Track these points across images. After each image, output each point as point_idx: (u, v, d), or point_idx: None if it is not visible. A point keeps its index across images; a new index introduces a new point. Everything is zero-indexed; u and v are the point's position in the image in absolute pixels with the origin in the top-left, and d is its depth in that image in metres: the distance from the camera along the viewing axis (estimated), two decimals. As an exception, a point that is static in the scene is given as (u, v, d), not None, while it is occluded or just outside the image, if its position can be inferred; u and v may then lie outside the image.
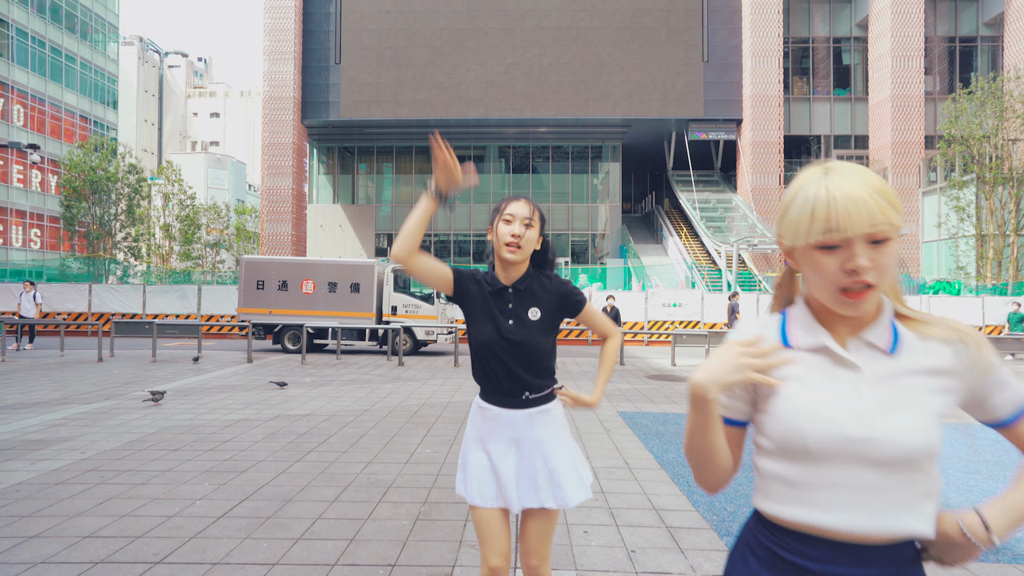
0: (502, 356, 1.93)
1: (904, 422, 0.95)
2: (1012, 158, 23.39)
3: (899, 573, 0.97)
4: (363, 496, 4.25)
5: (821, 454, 0.96)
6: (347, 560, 3.19)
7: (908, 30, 29.19)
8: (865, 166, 0.99)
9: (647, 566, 3.18)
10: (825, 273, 0.96)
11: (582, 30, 31.80)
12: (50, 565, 3.05)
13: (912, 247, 29.20)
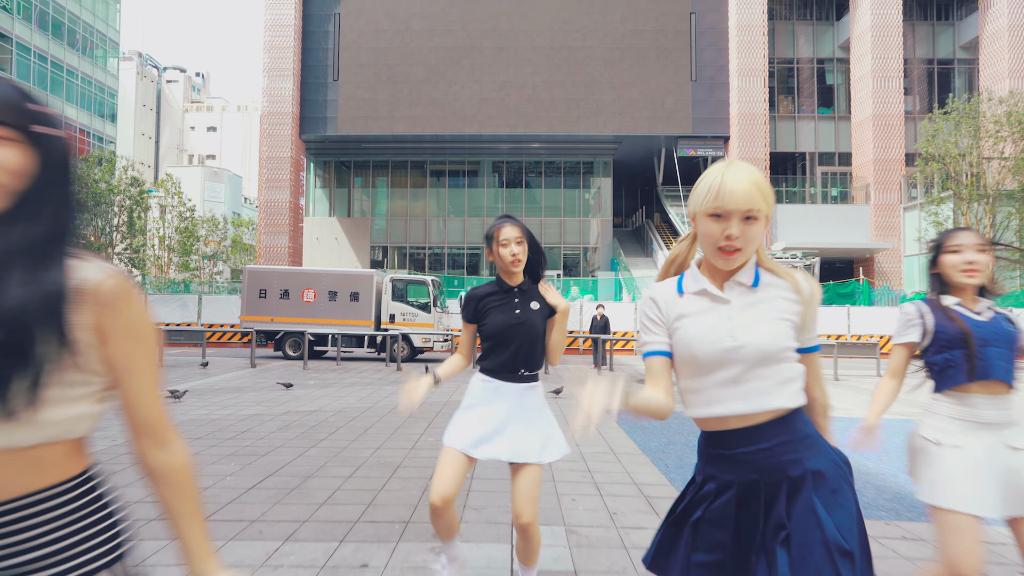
0: (512, 336, 2.50)
1: (759, 332, 1.40)
2: (987, 176, 24.26)
3: (788, 440, 1.39)
4: (375, 473, 4.79)
5: (707, 364, 1.42)
6: (367, 518, 3.73)
7: (887, 52, 30.24)
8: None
9: (625, 523, 3.74)
10: (710, 233, 1.40)
11: (574, 49, 32.69)
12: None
13: (894, 261, 30.01)
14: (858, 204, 31.65)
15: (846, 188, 33.21)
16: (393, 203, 37.42)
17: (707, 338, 1.41)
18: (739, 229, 1.36)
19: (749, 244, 1.37)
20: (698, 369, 1.42)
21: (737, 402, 1.39)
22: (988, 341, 2.08)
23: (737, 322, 1.41)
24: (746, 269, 1.45)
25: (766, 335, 1.39)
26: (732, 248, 1.37)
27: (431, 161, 37.24)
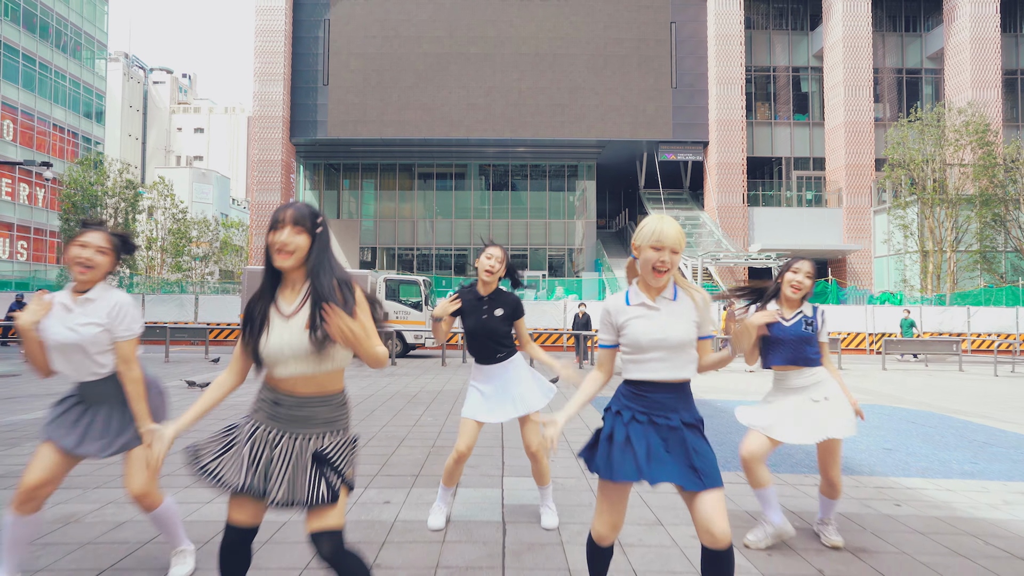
0: (481, 335, 3.40)
1: (676, 329, 2.25)
2: (948, 181, 25.55)
3: (683, 396, 2.26)
4: (385, 444, 5.64)
5: (647, 347, 2.26)
6: (385, 472, 4.59)
7: (858, 62, 31.52)
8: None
9: (592, 476, 4.62)
10: (650, 259, 2.25)
11: (558, 57, 33.63)
12: (166, 480, 4.42)
13: (865, 262, 31.28)
14: (831, 207, 32.90)
15: (820, 192, 34.45)
16: (382, 205, 38.10)
17: (646, 331, 2.25)
18: (668, 257, 2.21)
19: (672, 268, 2.21)
20: (638, 350, 2.26)
21: (663, 372, 2.24)
22: (777, 340, 3.20)
23: (664, 322, 2.26)
24: (669, 288, 2.28)
25: (680, 332, 2.23)
26: (663, 269, 2.22)
27: (419, 164, 37.98)
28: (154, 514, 2.67)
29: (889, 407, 8.49)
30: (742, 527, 3.45)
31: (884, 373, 13.99)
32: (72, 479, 4.27)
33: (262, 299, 1.98)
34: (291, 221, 1.93)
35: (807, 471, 4.83)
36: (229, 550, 1.97)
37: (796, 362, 3.18)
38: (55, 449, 2.50)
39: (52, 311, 2.48)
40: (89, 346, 2.46)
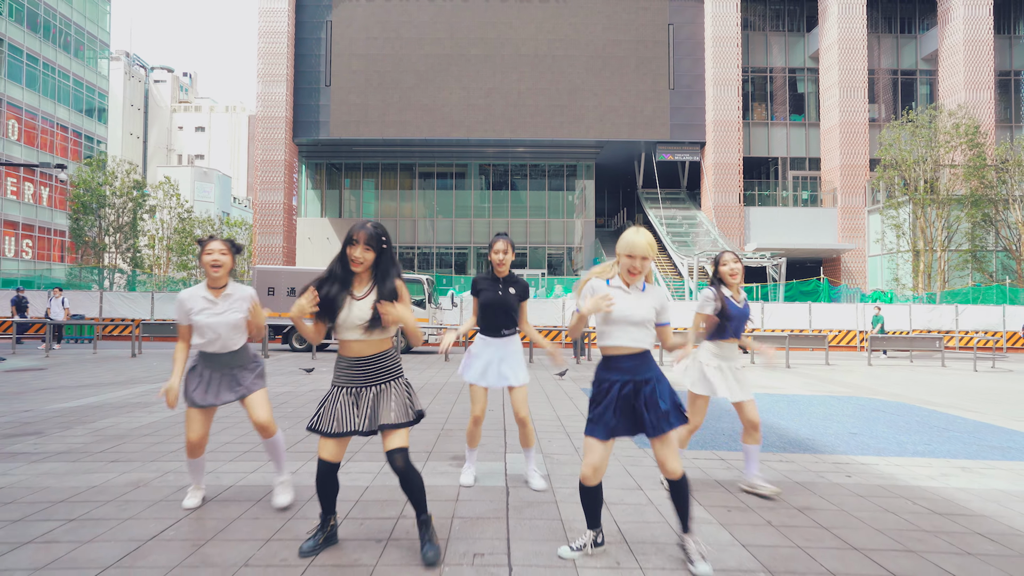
0: (496, 309, 4.01)
1: (642, 310, 2.93)
2: (940, 182, 26.15)
3: (646, 362, 2.93)
4: (398, 427, 6.23)
5: (617, 321, 2.93)
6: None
7: (853, 64, 32.09)
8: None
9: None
10: (625, 264, 2.95)
11: (557, 58, 34.19)
12: (220, 452, 5.01)
13: (859, 261, 31.89)
14: (826, 207, 33.50)
15: (815, 192, 35.04)
16: (383, 204, 38.66)
17: (621, 310, 2.92)
18: (639, 264, 2.88)
19: (645, 271, 2.94)
20: (611, 322, 2.92)
21: (629, 341, 2.91)
22: (738, 319, 3.96)
23: (633, 304, 2.93)
24: (639, 282, 2.99)
25: (644, 312, 2.92)
26: (636, 272, 2.91)
27: (420, 164, 38.55)
28: (269, 441, 3.63)
29: (864, 398, 9.09)
30: (706, 491, 4.05)
31: (869, 368, 14.59)
32: (133, 453, 4.87)
33: (342, 287, 2.85)
34: (363, 241, 2.78)
35: (775, 450, 5.43)
36: (319, 480, 2.86)
37: (737, 335, 4.03)
38: (199, 410, 3.45)
39: (204, 304, 3.38)
40: (234, 329, 3.41)
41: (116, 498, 3.75)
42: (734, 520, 3.50)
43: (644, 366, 2.92)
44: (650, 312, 2.94)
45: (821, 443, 5.77)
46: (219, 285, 3.46)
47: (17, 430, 5.77)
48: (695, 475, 4.51)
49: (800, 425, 6.73)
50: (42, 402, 7.44)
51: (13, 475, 4.24)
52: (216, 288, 3.46)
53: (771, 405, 8.17)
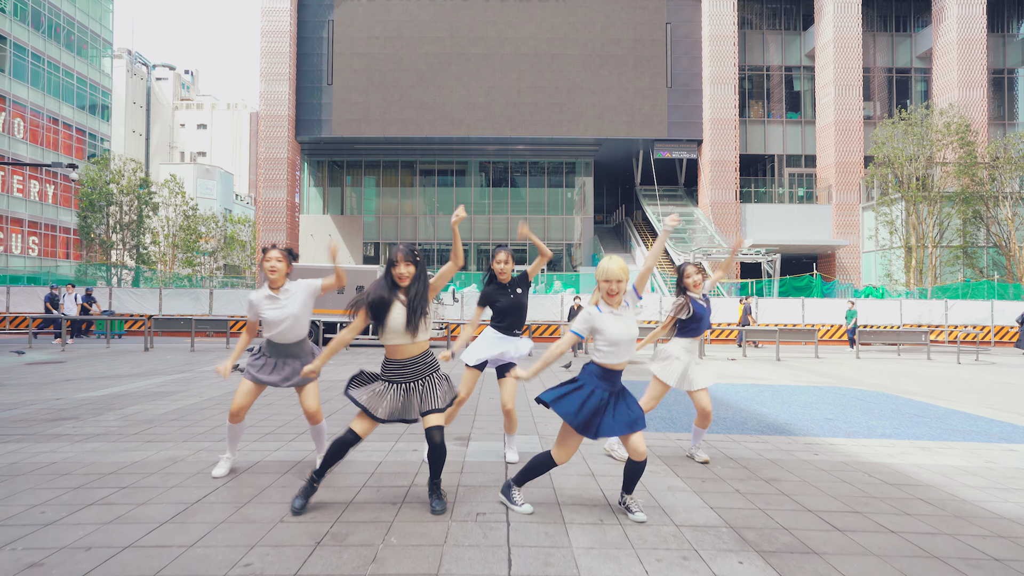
0: (510, 311, 4.47)
1: (630, 330, 3.40)
2: (932, 180, 26.59)
3: (621, 373, 3.45)
4: (406, 413, 6.70)
5: (619, 342, 3.38)
6: (410, 431, 5.65)
7: (848, 62, 32.48)
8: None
9: (578, 435, 5.68)
10: (604, 288, 3.42)
11: (556, 57, 34.58)
12: (245, 434, 5.49)
13: (853, 257, 32.34)
14: (821, 204, 33.93)
15: (811, 189, 35.47)
16: (384, 201, 39.11)
17: (615, 331, 3.37)
18: (616, 286, 3.35)
19: (620, 293, 3.39)
20: (609, 343, 3.37)
21: (620, 359, 3.38)
22: (703, 318, 4.54)
23: (622, 326, 3.39)
24: (622, 303, 3.44)
25: (631, 331, 3.39)
26: (614, 293, 3.36)
27: (421, 161, 38.97)
28: (315, 427, 4.20)
29: (846, 388, 9.56)
30: (684, 466, 4.51)
31: (857, 361, 15.07)
32: (164, 435, 5.34)
33: (390, 293, 3.41)
34: (402, 260, 3.39)
35: (753, 432, 5.89)
36: (341, 443, 3.36)
37: (700, 332, 4.63)
38: (252, 384, 4.11)
39: (267, 303, 4.01)
40: (295, 321, 4.01)
41: (158, 471, 4.22)
42: (707, 489, 3.97)
43: (620, 377, 3.47)
44: (634, 329, 3.43)
45: (797, 427, 6.24)
46: (277, 286, 4.08)
47: (54, 415, 6.24)
48: (674, 452, 4.97)
49: (780, 412, 7.19)
50: (70, 391, 7.91)
51: (62, 452, 4.71)
52: (275, 288, 4.08)
53: (756, 395, 8.64)
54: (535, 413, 6.77)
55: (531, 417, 6.53)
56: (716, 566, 2.79)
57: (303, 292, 4.11)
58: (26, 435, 5.32)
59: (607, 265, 3.39)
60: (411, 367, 3.45)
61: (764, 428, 6.17)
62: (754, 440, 5.56)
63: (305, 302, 4.11)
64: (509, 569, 2.73)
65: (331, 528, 3.18)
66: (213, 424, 5.93)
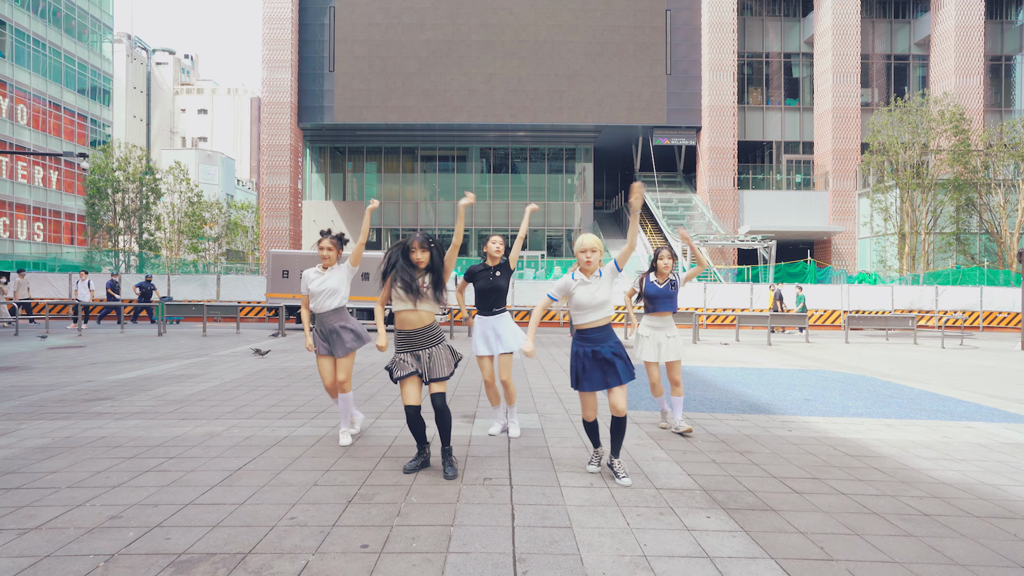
0: (489, 291, 5.01)
1: (599, 294, 3.92)
2: (926, 167, 26.97)
3: (607, 332, 3.97)
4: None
5: (585, 306, 3.93)
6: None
7: (846, 50, 32.70)
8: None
9: (573, 413, 6.20)
10: (580, 258, 3.95)
11: (557, 44, 34.77)
12: (270, 412, 6.00)
13: (849, 243, 32.81)
14: (818, 190, 34.32)
15: (808, 175, 35.83)
16: (386, 187, 39.46)
17: (584, 296, 3.88)
18: (590, 255, 3.88)
19: (597, 262, 3.92)
20: (579, 307, 3.90)
21: (592, 317, 3.91)
22: (656, 297, 5.14)
23: (593, 290, 3.90)
24: (596, 271, 3.93)
25: (600, 296, 3.90)
26: (589, 263, 3.89)
27: (422, 148, 39.26)
28: (343, 396, 4.79)
29: (829, 371, 10.09)
30: (668, 439, 5.04)
31: (846, 346, 15.59)
32: (196, 413, 5.86)
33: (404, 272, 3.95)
34: (417, 247, 3.90)
35: (735, 411, 6.41)
36: (411, 420, 3.97)
37: (668, 309, 5.24)
38: (321, 357, 4.82)
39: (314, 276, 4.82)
40: (332, 293, 4.71)
41: (198, 444, 4.73)
42: (687, 460, 4.49)
43: (605, 336, 3.94)
44: (606, 293, 3.93)
45: (776, 407, 6.76)
46: (327, 266, 4.85)
47: (91, 396, 6.76)
48: (658, 430, 5.49)
49: (763, 393, 7.71)
50: (98, 374, 8.43)
51: (108, 428, 5.23)
52: (325, 267, 4.87)
53: (742, 377, 9.16)
54: (534, 392, 7.29)
55: (530, 397, 7.05)
56: (687, 520, 3.31)
57: (341, 269, 4.88)
58: (71, 413, 5.84)
59: (582, 239, 3.93)
60: (416, 336, 3.96)
61: (746, 408, 6.68)
62: (735, 418, 6.07)
63: (342, 277, 4.83)
64: (512, 521, 3.24)
65: (359, 490, 3.70)
66: (240, 403, 6.44)
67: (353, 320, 4.95)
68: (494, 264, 5.10)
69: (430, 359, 3.97)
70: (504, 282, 5.09)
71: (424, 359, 3.97)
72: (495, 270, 5.08)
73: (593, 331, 3.94)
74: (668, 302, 5.29)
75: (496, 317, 5.06)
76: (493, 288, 5.04)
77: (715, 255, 32.34)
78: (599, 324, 3.94)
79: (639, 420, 5.88)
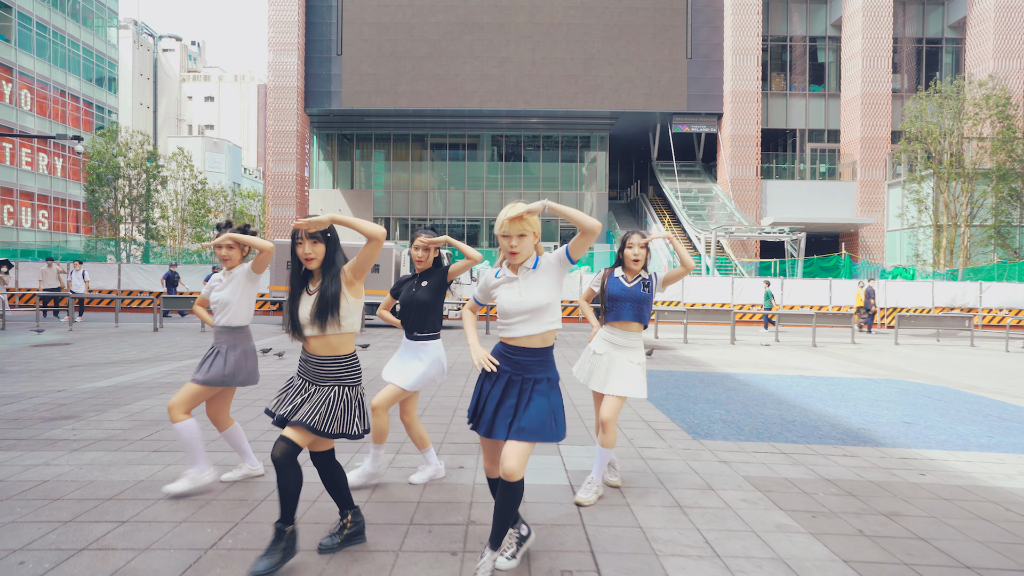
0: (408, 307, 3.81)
1: (529, 297, 2.62)
2: (965, 156, 25.50)
3: (545, 360, 2.67)
4: (440, 414, 6.04)
5: (510, 313, 2.66)
6: (449, 440, 5.00)
7: (878, 32, 31.13)
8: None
9: (640, 444, 5.03)
10: (503, 245, 2.69)
11: (573, 26, 33.35)
12: (270, 441, 4.85)
13: (877, 236, 31.37)
14: (845, 180, 32.85)
15: (834, 165, 34.34)
16: (395, 175, 38.27)
17: (509, 301, 2.69)
18: (516, 242, 2.63)
19: (524, 250, 2.66)
20: (505, 316, 2.70)
21: (524, 330, 2.67)
22: (619, 300, 3.76)
23: (523, 290, 2.68)
24: (529, 261, 2.71)
25: (536, 298, 2.66)
26: (514, 253, 2.66)
27: (432, 135, 38.00)
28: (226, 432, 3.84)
29: (904, 382, 8.86)
30: (780, 492, 3.85)
31: (897, 348, 14.34)
32: (174, 439, 4.72)
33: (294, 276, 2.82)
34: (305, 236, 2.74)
35: (834, 442, 5.21)
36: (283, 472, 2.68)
37: (635, 318, 3.75)
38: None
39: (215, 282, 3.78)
40: (225, 306, 3.75)
41: (164, 497, 3.58)
42: (822, 528, 3.30)
43: (539, 362, 2.68)
44: (543, 295, 2.65)
45: (879, 434, 5.56)
46: (230, 268, 3.80)
47: (54, 412, 5.64)
48: (759, 471, 4.30)
49: (849, 412, 6.51)
50: (73, 380, 7.32)
51: (57, 465, 4.10)
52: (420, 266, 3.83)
53: (811, 390, 7.95)
54: (581, 413, 6.11)
55: (579, 421, 5.86)
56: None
57: (238, 276, 3.76)
58: (20, 440, 4.71)
59: (501, 214, 2.64)
60: (311, 367, 2.81)
61: (843, 436, 5.48)
62: (839, 452, 4.88)
63: (236, 287, 3.74)
64: None
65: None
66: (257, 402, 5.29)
67: (251, 351, 3.76)
68: (421, 270, 3.82)
69: (316, 398, 2.75)
70: (429, 295, 3.73)
71: (308, 399, 2.76)
72: (420, 279, 3.81)
73: (520, 352, 2.68)
74: (635, 308, 3.73)
75: (420, 344, 3.78)
76: (412, 303, 3.75)
77: (737, 248, 31.00)
78: (529, 344, 2.67)
79: (725, 456, 4.68)
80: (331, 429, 2.70)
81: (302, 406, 2.72)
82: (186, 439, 3.58)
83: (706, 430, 5.54)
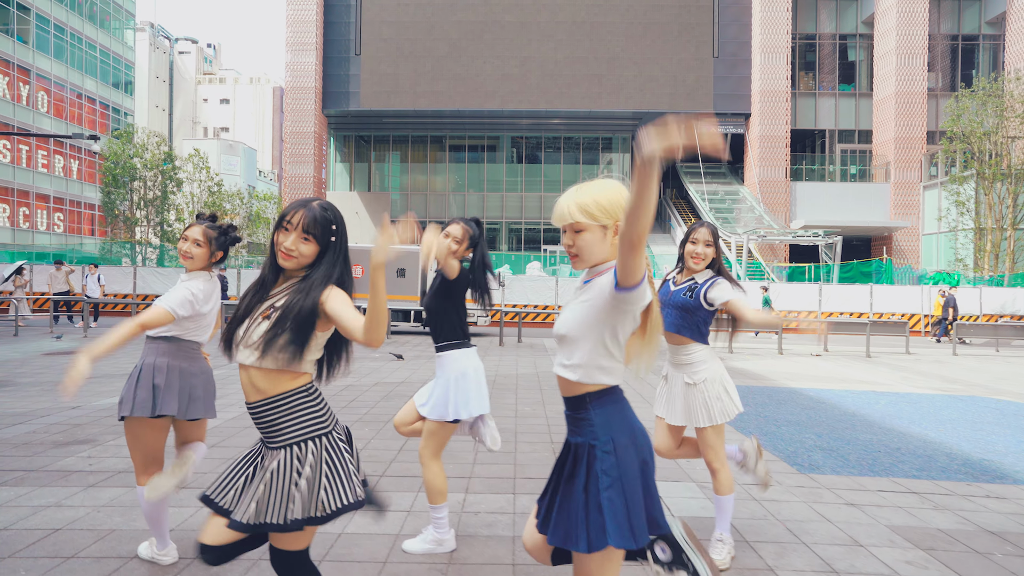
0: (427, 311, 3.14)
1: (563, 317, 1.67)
2: (1011, 155, 24.49)
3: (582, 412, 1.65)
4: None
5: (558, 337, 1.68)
6: (520, 475, 4.33)
7: (912, 28, 30.16)
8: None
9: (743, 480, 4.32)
10: (564, 243, 1.69)
11: (596, 25, 32.68)
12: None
13: (912, 239, 30.36)
14: (877, 182, 31.88)
15: (865, 166, 33.38)
16: (412, 177, 37.79)
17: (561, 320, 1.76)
18: (570, 238, 1.66)
19: (582, 251, 1.64)
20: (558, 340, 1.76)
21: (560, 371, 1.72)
22: (662, 305, 2.94)
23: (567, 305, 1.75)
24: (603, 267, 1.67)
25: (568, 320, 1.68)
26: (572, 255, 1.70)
27: (450, 136, 37.49)
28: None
29: (991, 399, 8.08)
30: (936, 546, 3.13)
31: (956, 359, 13.49)
32: (200, 470, 4.09)
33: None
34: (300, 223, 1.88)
35: (963, 477, 4.48)
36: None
37: (682, 331, 2.93)
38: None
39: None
40: None
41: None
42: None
43: (572, 419, 1.71)
44: (570, 322, 1.65)
45: (1007, 466, 4.81)
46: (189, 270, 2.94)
47: (67, 435, 5.03)
48: (903, 519, 3.58)
49: (954, 438, 5.76)
50: (88, 395, 6.73)
51: (69, 507, 3.47)
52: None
53: (894, 408, 7.20)
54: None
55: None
56: None
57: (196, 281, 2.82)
58: (28, 472, 4.10)
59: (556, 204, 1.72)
60: (257, 417, 1.83)
61: (965, 468, 4.74)
62: (980, 492, 4.14)
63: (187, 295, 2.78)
64: None
65: None
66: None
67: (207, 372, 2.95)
68: (438, 269, 3.09)
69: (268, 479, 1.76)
70: (439, 303, 3.04)
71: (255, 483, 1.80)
72: (434, 280, 3.14)
73: (565, 401, 1.73)
74: (676, 317, 2.93)
75: (437, 357, 3.06)
76: (427, 308, 3.11)
77: (766, 251, 30.12)
78: (562, 387, 1.72)
79: (840, 491, 3.96)
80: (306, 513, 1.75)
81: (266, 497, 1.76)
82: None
83: (808, 460, 4.82)
